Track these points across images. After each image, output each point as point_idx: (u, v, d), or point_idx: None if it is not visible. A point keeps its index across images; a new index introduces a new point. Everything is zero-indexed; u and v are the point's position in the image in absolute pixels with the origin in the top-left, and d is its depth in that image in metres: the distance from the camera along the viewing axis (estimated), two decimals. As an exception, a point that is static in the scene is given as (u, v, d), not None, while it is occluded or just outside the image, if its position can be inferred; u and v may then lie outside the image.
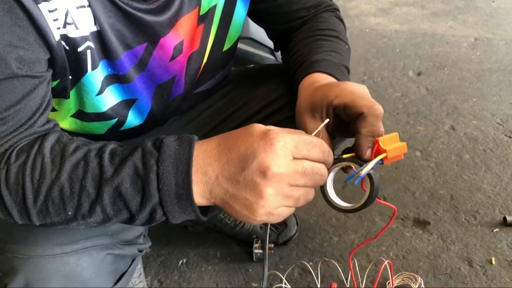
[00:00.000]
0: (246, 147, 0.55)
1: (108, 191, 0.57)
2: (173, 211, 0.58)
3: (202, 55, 0.85)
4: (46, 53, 0.62)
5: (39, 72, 0.61)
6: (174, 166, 0.56)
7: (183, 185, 0.56)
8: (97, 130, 0.82)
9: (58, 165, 0.58)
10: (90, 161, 0.58)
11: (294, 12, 0.90)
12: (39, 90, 0.62)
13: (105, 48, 0.69)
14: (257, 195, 0.55)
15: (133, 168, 0.57)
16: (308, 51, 0.83)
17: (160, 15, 0.72)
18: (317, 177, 0.57)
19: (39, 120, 0.63)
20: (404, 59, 2.40)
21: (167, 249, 1.32)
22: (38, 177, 0.58)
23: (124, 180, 0.57)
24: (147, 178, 0.56)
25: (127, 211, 0.59)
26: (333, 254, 1.30)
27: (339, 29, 0.90)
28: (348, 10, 3.03)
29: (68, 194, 0.57)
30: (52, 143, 0.60)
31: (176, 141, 0.58)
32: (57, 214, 0.59)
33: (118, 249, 0.76)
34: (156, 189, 0.56)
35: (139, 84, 0.78)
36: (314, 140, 0.58)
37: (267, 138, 0.55)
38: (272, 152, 0.54)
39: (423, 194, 1.51)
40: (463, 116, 1.92)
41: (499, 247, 1.31)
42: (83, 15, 0.64)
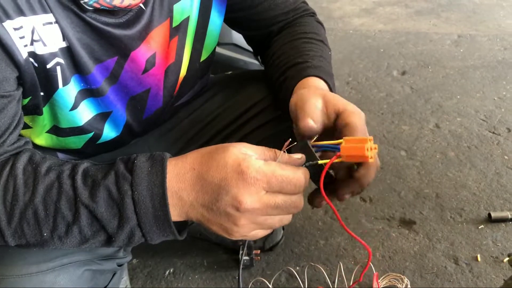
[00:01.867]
0: (220, 179, 0.56)
1: (84, 213, 0.57)
2: (152, 232, 0.59)
3: (178, 68, 0.85)
4: (14, 71, 0.61)
5: (7, 92, 0.61)
6: (149, 189, 0.57)
7: (160, 207, 0.57)
8: (73, 144, 0.82)
9: (31, 187, 0.58)
10: (64, 183, 0.58)
11: (272, 18, 0.90)
12: (8, 109, 0.61)
13: (75, 63, 0.68)
14: (231, 223, 0.57)
15: (107, 192, 0.57)
16: (296, 53, 0.83)
17: (129, 29, 0.71)
18: (291, 209, 0.58)
19: (9, 139, 0.62)
20: (388, 59, 2.41)
21: (154, 260, 1.32)
22: (10, 200, 0.57)
23: (99, 205, 0.57)
24: (122, 202, 0.57)
25: (104, 232, 0.59)
26: (320, 257, 1.30)
27: (321, 33, 0.91)
28: (332, 11, 3.04)
29: (43, 216, 0.57)
30: (24, 164, 0.60)
31: (148, 162, 0.58)
32: (32, 235, 0.59)
33: (96, 264, 0.76)
34: (133, 212, 0.57)
35: (112, 96, 0.77)
36: (289, 175, 0.57)
37: (240, 172, 0.55)
38: (244, 188, 0.55)
39: (408, 194, 1.51)
40: (447, 114, 1.93)
41: (484, 243, 1.31)
42: (51, 32, 0.63)
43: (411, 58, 2.41)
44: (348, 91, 2.10)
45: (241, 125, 0.96)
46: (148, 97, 0.83)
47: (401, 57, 2.42)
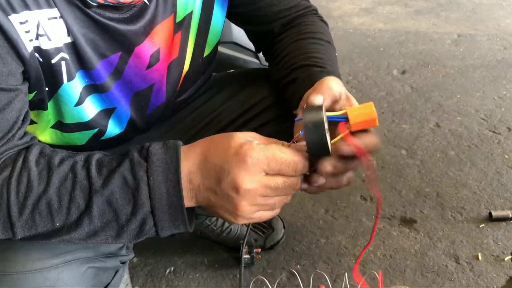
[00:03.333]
0: (222, 161, 0.58)
1: (97, 202, 0.58)
2: (163, 219, 0.60)
3: (182, 63, 0.84)
4: (20, 65, 0.61)
5: (14, 85, 0.61)
6: (164, 175, 0.59)
7: (174, 192, 0.59)
8: (77, 140, 0.82)
9: (46, 179, 0.59)
10: (78, 173, 0.59)
11: (274, 13, 0.89)
12: (15, 103, 0.61)
13: (80, 58, 0.68)
14: (233, 206, 0.59)
15: (122, 179, 0.58)
16: (305, 54, 0.83)
17: (133, 24, 0.71)
18: (290, 190, 0.60)
19: (18, 133, 0.63)
20: (388, 58, 2.41)
21: (154, 258, 1.32)
22: (24, 191, 0.58)
23: (114, 192, 0.58)
24: (138, 188, 0.58)
25: (115, 223, 0.60)
26: (321, 256, 1.30)
27: (327, 34, 0.91)
28: (332, 11, 3.04)
29: (57, 207, 0.58)
30: (37, 156, 0.61)
31: (162, 149, 0.60)
32: (43, 226, 0.59)
33: (100, 261, 0.76)
34: (147, 198, 0.58)
35: (116, 92, 0.77)
36: (288, 158, 0.58)
37: (241, 154, 0.57)
38: (245, 169, 0.57)
39: (409, 193, 1.51)
40: (447, 113, 1.93)
41: (485, 242, 1.31)
42: (55, 26, 0.63)
43: (411, 57, 2.41)
44: (349, 90, 2.08)
45: (244, 123, 0.96)
46: (151, 92, 0.83)
47: (401, 56, 2.42)
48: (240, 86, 0.99)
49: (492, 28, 2.69)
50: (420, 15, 2.92)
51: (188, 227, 0.62)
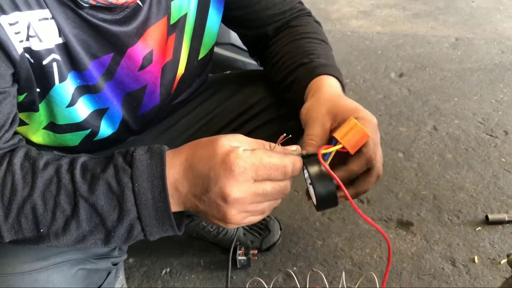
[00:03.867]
0: (209, 169, 0.57)
1: (83, 207, 0.57)
2: (151, 225, 0.59)
3: (176, 65, 0.84)
4: (9, 67, 0.61)
5: (3, 88, 0.60)
6: (149, 181, 0.57)
7: (160, 198, 0.58)
8: (70, 142, 0.81)
9: (30, 182, 0.58)
10: (63, 177, 0.58)
11: (269, 17, 0.90)
12: (2, 106, 0.61)
13: (72, 59, 0.68)
14: (222, 215, 0.58)
15: (106, 185, 0.57)
16: (303, 53, 0.83)
17: (126, 25, 0.71)
18: (279, 194, 0.59)
19: (4, 136, 0.62)
20: (386, 61, 2.41)
21: (150, 259, 1.31)
22: (8, 195, 0.57)
23: (98, 198, 0.57)
24: (123, 195, 0.57)
25: (103, 228, 0.59)
26: (317, 258, 1.30)
27: (322, 33, 0.92)
28: (330, 13, 3.04)
29: (42, 211, 0.57)
30: (22, 159, 0.60)
31: (147, 154, 0.59)
32: (29, 231, 0.58)
33: (91, 263, 0.75)
34: (133, 204, 0.57)
35: (108, 92, 0.77)
36: (276, 163, 0.57)
37: (227, 163, 0.55)
38: (232, 178, 0.55)
39: (406, 195, 1.51)
40: (444, 116, 1.93)
41: (481, 245, 1.31)
42: (47, 27, 0.63)
43: (409, 60, 2.41)
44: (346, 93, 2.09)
45: (239, 126, 0.96)
46: (144, 93, 0.82)
47: (398, 59, 2.43)
48: (237, 88, 0.99)
49: (490, 32, 2.70)
50: (418, 18, 2.93)
51: (177, 231, 0.61)
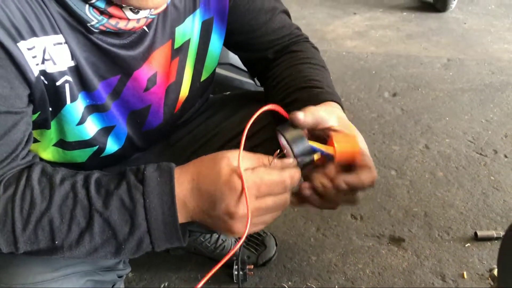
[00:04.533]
0: (214, 189, 0.63)
1: (98, 221, 0.62)
2: (160, 238, 0.64)
3: (179, 87, 0.89)
4: (26, 89, 0.65)
5: (20, 108, 0.65)
6: (159, 197, 0.63)
7: (169, 213, 0.63)
8: (78, 158, 0.85)
9: (48, 197, 0.62)
10: (78, 193, 0.63)
11: (268, 42, 0.94)
12: (20, 125, 0.65)
13: (82, 81, 0.73)
14: (228, 228, 0.64)
15: (120, 201, 0.63)
16: (305, 77, 0.87)
17: (133, 50, 0.76)
18: (281, 207, 0.65)
19: (21, 153, 0.66)
20: (379, 81, 2.47)
21: (149, 274, 1.35)
22: (27, 208, 0.62)
23: (112, 213, 0.62)
24: (135, 210, 0.62)
25: (114, 240, 0.63)
26: (312, 273, 1.34)
27: (321, 60, 0.96)
28: (326, 34, 3.12)
29: (58, 224, 0.62)
30: (39, 175, 0.64)
31: (157, 172, 0.65)
32: (45, 242, 0.63)
33: (98, 275, 0.79)
34: (144, 219, 0.63)
35: (114, 111, 0.82)
36: (276, 179, 0.63)
37: (231, 183, 0.62)
38: (237, 197, 0.62)
39: (398, 212, 1.56)
40: (436, 135, 1.98)
41: (470, 261, 1.36)
42: (60, 51, 0.68)
43: (402, 80, 2.48)
44: (341, 112, 2.15)
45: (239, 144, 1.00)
46: (148, 113, 0.87)
47: (392, 79, 2.49)
48: (236, 108, 1.04)
49: (481, 53, 2.77)
50: (411, 39, 3.01)
51: (183, 242, 0.66)
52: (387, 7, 3.55)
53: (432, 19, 3.30)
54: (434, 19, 3.30)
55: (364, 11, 3.48)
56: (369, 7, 3.55)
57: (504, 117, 2.10)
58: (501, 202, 1.58)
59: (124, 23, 0.70)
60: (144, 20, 0.72)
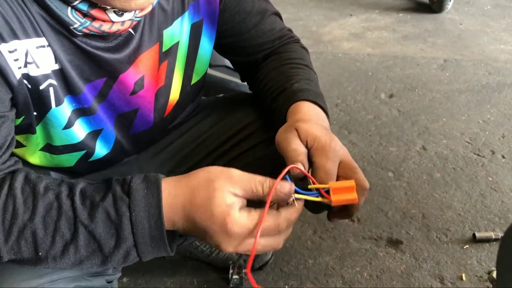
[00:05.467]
0: (206, 226, 0.61)
1: (82, 233, 0.60)
2: (147, 251, 0.63)
3: (168, 91, 0.87)
4: (8, 92, 0.64)
5: (2, 112, 0.63)
6: (146, 210, 0.61)
7: (156, 227, 0.61)
8: (66, 162, 0.84)
9: (31, 207, 0.60)
10: (63, 203, 0.61)
11: (259, 45, 0.93)
12: (2, 129, 0.63)
13: (67, 84, 0.71)
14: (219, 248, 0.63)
15: (105, 214, 0.61)
16: (285, 78, 0.86)
17: (118, 53, 0.74)
18: (271, 248, 0.64)
19: (2, 158, 0.64)
20: (376, 82, 2.47)
21: (144, 279, 1.33)
22: (10, 218, 0.60)
23: (97, 225, 0.60)
24: (120, 223, 0.60)
25: (100, 253, 0.62)
26: (309, 276, 1.32)
27: (306, 59, 0.95)
28: (322, 36, 3.11)
29: (42, 235, 0.60)
30: (22, 184, 0.62)
31: (143, 183, 0.62)
32: (28, 253, 0.61)
33: (86, 280, 0.77)
34: (130, 233, 0.61)
35: (101, 114, 0.80)
36: (270, 226, 0.61)
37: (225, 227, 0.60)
38: (228, 240, 0.61)
39: (395, 214, 1.54)
40: (433, 136, 1.97)
41: (469, 263, 1.34)
42: (43, 55, 0.66)
43: (399, 81, 2.47)
44: (337, 113, 2.15)
45: (232, 147, 0.99)
46: (135, 116, 0.85)
47: (388, 81, 2.48)
48: (228, 111, 1.02)
49: (477, 54, 2.77)
50: (407, 40, 3.00)
51: (170, 253, 0.65)
52: (383, 9, 3.54)
53: (428, 20, 3.30)
54: (430, 20, 3.29)
55: (360, 13, 3.48)
56: (365, 9, 3.55)
57: (501, 118, 2.10)
58: (499, 203, 1.57)
59: (108, 26, 0.68)
60: (129, 22, 0.70)
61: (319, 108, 0.81)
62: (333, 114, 2.14)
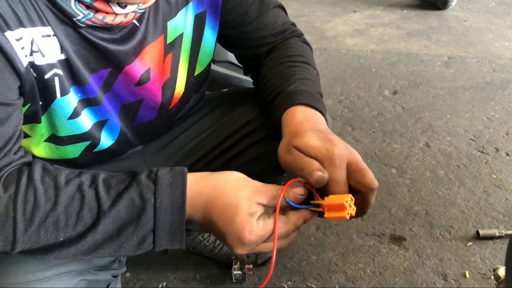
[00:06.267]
0: (224, 231, 0.65)
1: (104, 222, 0.62)
2: (163, 238, 0.64)
3: (174, 83, 0.87)
4: (16, 80, 0.64)
5: (12, 100, 0.63)
6: (170, 198, 0.64)
7: (178, 214, 0.64)
8: (71, 153, 0.83)
9: (53, 197, 0.61)
10: (86, 194, 0.63)
11: (261, 38, 0.92)
12: (13, 118, 0.63)
13: (73, 74, 0.71)
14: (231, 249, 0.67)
15: (129, 200, 0.63)
16: (281, 79, 0.86)
17: (123, 44, 0.74)
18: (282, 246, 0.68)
19: (14, 148, 0.64)
20: (380, 79, 2.46)
21: (147, 273, 1.33)
22: (31, 209, 0.60)
23: (120, 211, 0.62)
24: (144, 208, 0.63)
25: (116, 240, 0.64)
26: (312, 272, 1.32)
27: (307, 54, 0.93)
28: (325, 31, 3.10)
29: (63, 224, 0.61)
30: (41, 174, 0.63)
31: (170, 174, 0.66)
32: (46, 240, 0.62)
33: (92, 274, 0.77)
34: (152, 218, 0.63)
35: (107, 104, 0.80)
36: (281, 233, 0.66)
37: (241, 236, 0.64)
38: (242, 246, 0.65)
39: (399, 211, 1.54)
40: (437, 133, 1.97)
41: (472, 260, 1.34)
42: (49, 44, 0.66)
43: (402, 78, 2.46)
44: (341, 110, 2.14)
45: (236, 142, 0.99)
46: (140, 107, 0.85)
47: (392, 77, 2.47)
48: (232, 106, 1.02)
49: (482, 50, 2.76)
50: (411, 37, 2.99)
51: (183, 245, 0.66)
52: (387, 5, 3.53)
53: (432, 17, 3.29)
54: (435, 17, 3.28)
55: (364, 9, 3.47)
56: (369, 5, 3.54)
57: (505, 115, 2.09)
58: (503, 201, 1.57)
59: (111, 18, 0.68)
60: (132, 14, 0.70)
61: (313, 109, 0.79)
62: (336, 110, 2.14)
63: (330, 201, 0.66)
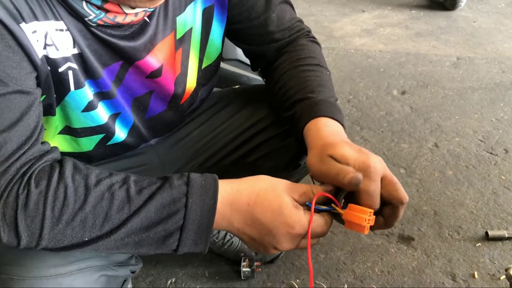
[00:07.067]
0: (272, 226, 0.66)
1: (132, 221, 0.63)
2: (189, 238, 0.65)
3: (184, 78, 0.87)
4: (33, 71, 0.64)
5: (31, 88, 0.64)
6: (202, 199, 0.65)
7: (207, 216, 0.65)
8: (85, 146, 0.84)
9: (82, 196, 0.62)
10: (116, 194, 0.63)
11: (268, 34, 0.92)
12: (35, 107, 0.64)
13: (87, 68, 0.72)
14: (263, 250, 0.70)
15: (161, 200, 0.64)
16: (297, 86, 0.86)
17: (134, 41, 0.75)
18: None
19: (39, 137, 0.65)
20: (388, 79, 2.45)
21: (156, 269, 1.34)
22: (60, 207, 0.61)
23: (149, 211, 0.63)
24: (175, 209, 0.64)
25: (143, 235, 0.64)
26: (320, 271, 1.32)
27: (317, 55, 0.93)
28: (334, 31, 3.10)
29: (91, 223, 0.62)
30: (72, 172, 0.64)
31: (202, 177, 0.67)
32: (72, 239, 0.62)
33: (112, 270, 0.78)
34: (182, 218, 0.64)
35: (119, 98, 0.81)
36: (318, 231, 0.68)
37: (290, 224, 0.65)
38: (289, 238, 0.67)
39: (407, 211, 1.54)
40: (446, 134, 1.96)
41: (481, 261, 1.34)
42: (62, 38, 0.67)
43: (411, 78, 2.46)
44: (349, 109, 2.14)
45: (248, 139, 0.99)
46: (150, 99, 0.85)
47: (401, 77, 2.47)
48: (244, 103, 1.03)
49: (491, 51, 2.75)
50: (420, 37, 2.98)
51: (206, 247, 0.67)
52: (396, 5, 3.52)
53: (441, 17, 3.28)
54: (443, 18, 3.27)
55: (372, 9, 3.46)
56: (378, 5, 3.53)
57: (514, 116, 2.08)
58: (512, 202, 1.56)
59: (122, 17, 0.69)
60: (142, 13, 0.71)
61: (336, 121, 0.80)
62: (345, 110, 2.14)
63: (349, 217, 0.67)
